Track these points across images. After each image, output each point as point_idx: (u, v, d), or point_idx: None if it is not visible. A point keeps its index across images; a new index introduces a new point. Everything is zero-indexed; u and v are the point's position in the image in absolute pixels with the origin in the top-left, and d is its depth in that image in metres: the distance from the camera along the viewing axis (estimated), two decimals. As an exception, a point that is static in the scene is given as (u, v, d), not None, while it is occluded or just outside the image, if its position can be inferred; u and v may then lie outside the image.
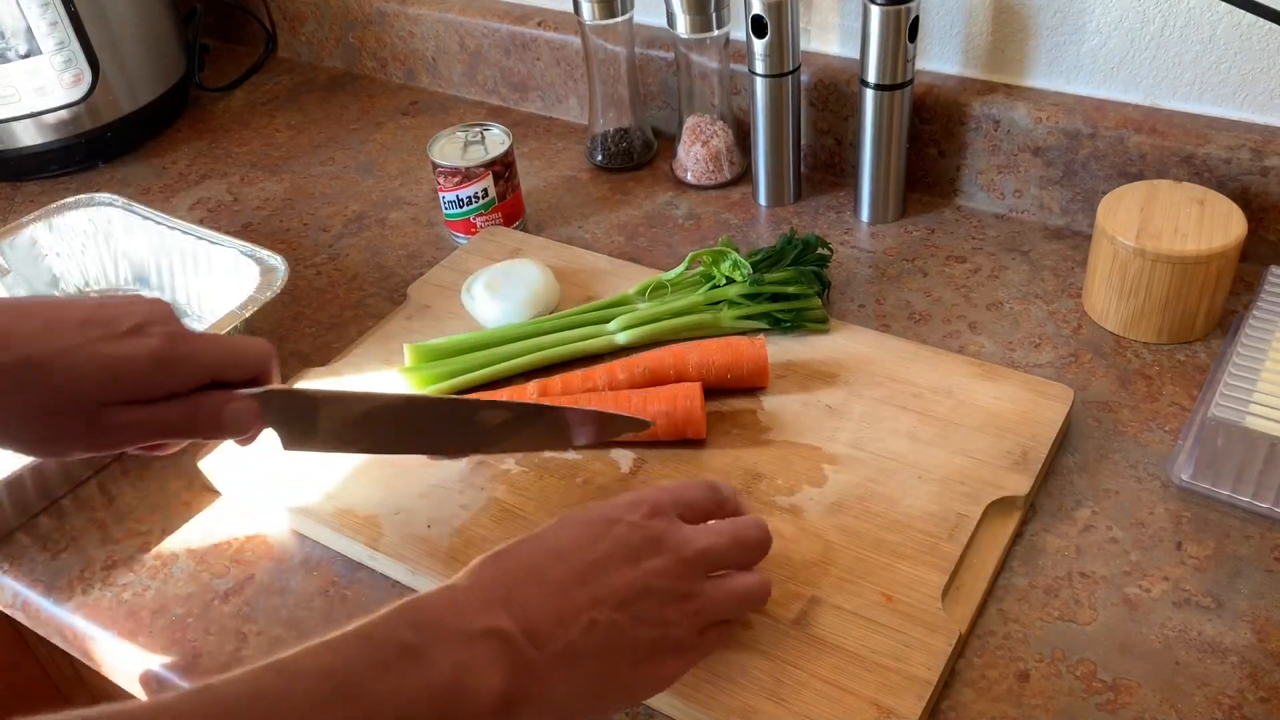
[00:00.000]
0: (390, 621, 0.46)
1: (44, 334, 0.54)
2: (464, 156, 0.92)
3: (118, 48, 1.12)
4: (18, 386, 0.53)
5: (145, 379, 0.55)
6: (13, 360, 0.53)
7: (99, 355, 0.54)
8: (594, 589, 0.50)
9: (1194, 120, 0.83)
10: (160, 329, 0.56)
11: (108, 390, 0.54)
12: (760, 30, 0.87)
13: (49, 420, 0.55)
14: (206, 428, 0.58)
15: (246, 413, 0.58)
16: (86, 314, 0.56)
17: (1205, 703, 0.56)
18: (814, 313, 0.80)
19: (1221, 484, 0.66)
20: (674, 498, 0.56)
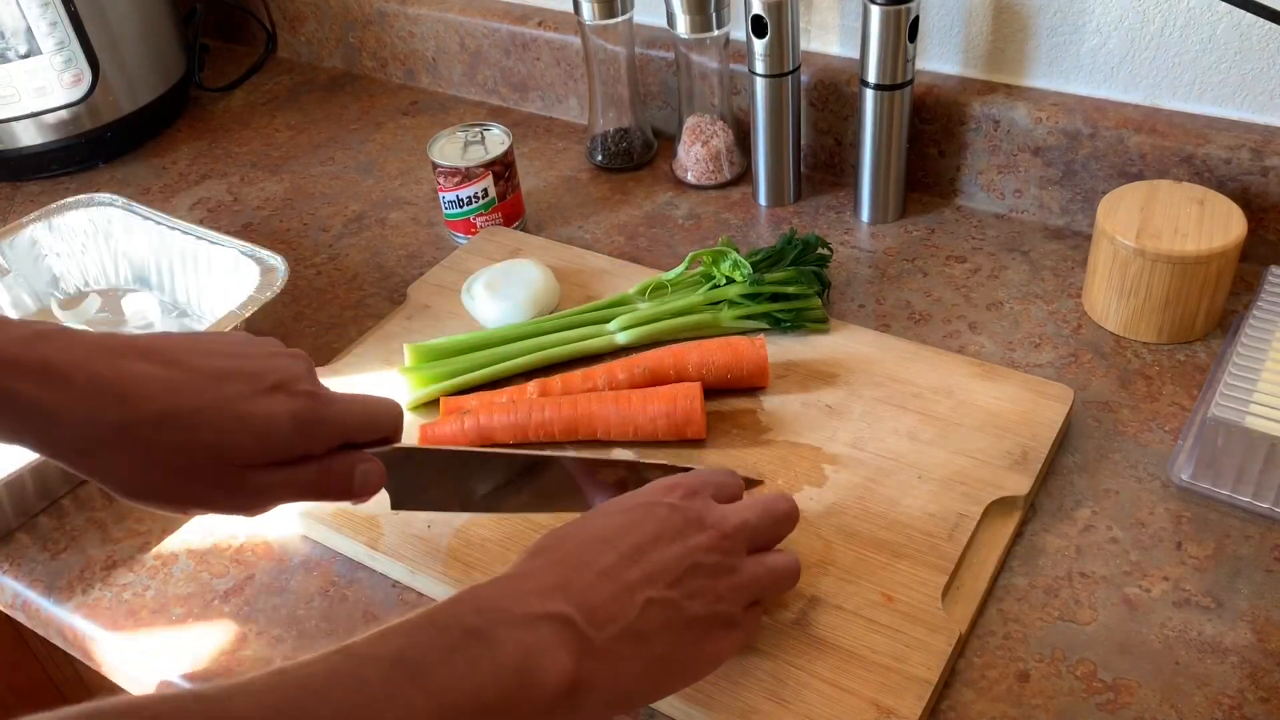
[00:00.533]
0: (454, 607, 0.46)
1: (187, 385, 0.51)
2: (464, 156, 0.92)
3: (118, 48, 1.12)
4: (154, 440, 0.50)
5: (286, 441, 0.53)
6: (153, 412, 0.50)
7: (242, 414, 0.51)
8: (645, 568, 0.50)
9: (1194, 120, 0.83)
10: (302, 387, 0.54)
11: (249, 452, 0.52)
12: (760, 30, 0.87)
13: (182, 479, 0.52)
14: (336, 491, 0.56)
15: (375, 475, 0.57)
16: (228, 366, 0.53)
17: (1205, 703, 0.56)
18: (814, 313, 0.80)
19: (1221, 484, 0.66)
20: (704, 480, 0.57)
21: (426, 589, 0.66)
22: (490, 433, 0.72)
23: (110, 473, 0.52)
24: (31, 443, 0.51)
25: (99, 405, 0.50)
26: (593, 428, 0.71)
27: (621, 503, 0.55)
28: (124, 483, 0.52)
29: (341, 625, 0.65)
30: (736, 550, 0.54)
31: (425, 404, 0.77)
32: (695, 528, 0.53)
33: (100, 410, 0.50)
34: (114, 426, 0.50)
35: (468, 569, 0.65)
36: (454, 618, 0.45)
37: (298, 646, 0.64)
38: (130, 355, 0.51)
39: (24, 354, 0.49)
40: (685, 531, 0.53)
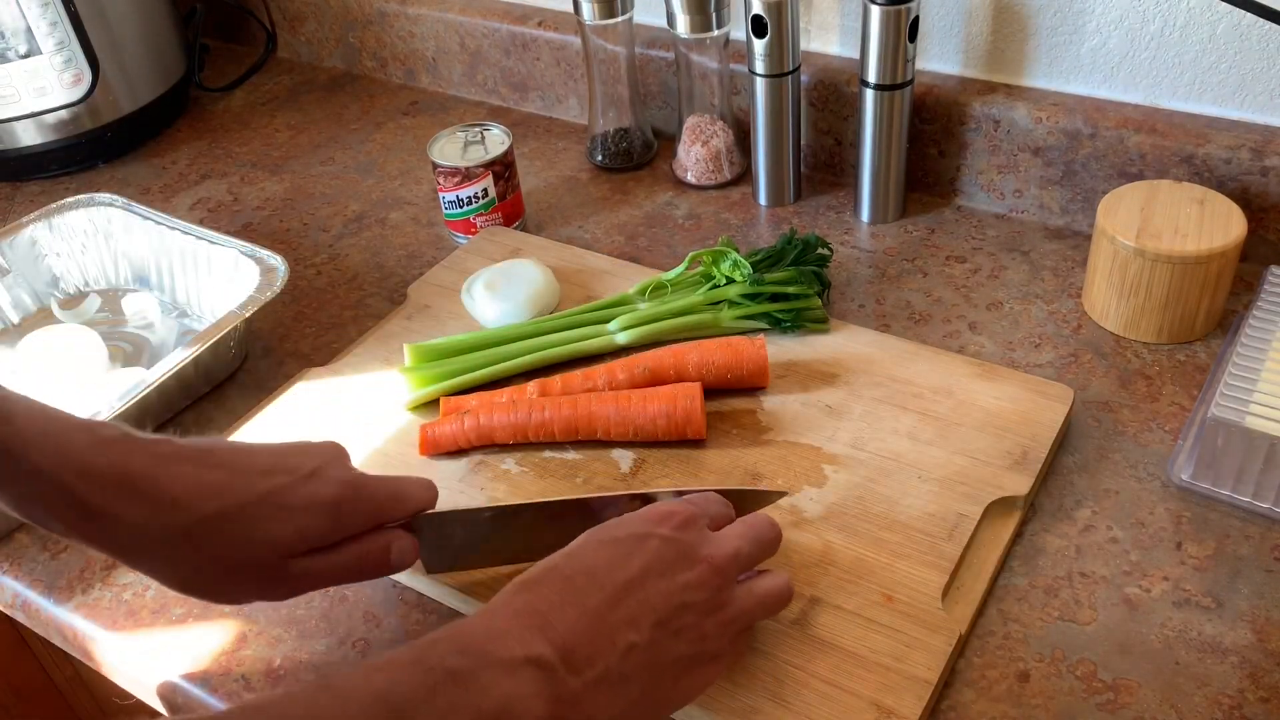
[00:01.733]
0: (437, 646, 0.46)
1: (234, 485, 0.54)
2: (464, 156, 0.92)
3: (118, 48, 1.12)
4: (206, 540, 0.53)
5: (326, 527, 0.55)
6: (207, 514, 0.53)
7: (284, 506, 0.54)
8: (629, 609, 0.50)
9: (1194, 120, 0.83)
10: (336, 473, 0.56)
11: (293, 543, 0.54)
12: (760, 30, 0.87)
13: (231, 572, 0.54)
14: (373, 570, 0.58)
15: (410, 551, 0.59)
16: (270, 462, 0.55)
17: (1205, 703, 0.56)
18: (814, 313, 0.80)
19: (1221, 484, 0.66)
20: (700, 509, 0.56)
21: (426, 589, 0.66)
22: (490, 433, 0.72)
23: (165, 571, 0.55)
24: (91, 542, 0.54)
25: (157, 510, 0.52)
26: (593, 428, 0.71)
27: (613, 531, 0.54)
28: (178, 580, 0.55)
29: (341, 625, 0.65)
30: (727, 584, 0.53)
31: (425, 404, 0.77)
32: (686, 562, 0.52)
33: (158, 514, 0.52)
34: (171, 529, 0.53)
35: (468, 569, 0.65)
36: (437, 659, 0.45)
37: (298, 646, 0.64)
38: (182, 461, 0.54)
39: (96, 460, 0.52)
40: (676, 566, 0.52)
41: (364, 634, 0.64)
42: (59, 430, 0.52)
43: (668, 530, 0.53)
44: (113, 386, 0.77)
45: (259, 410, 0.78)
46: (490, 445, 0.73)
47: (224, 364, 0.83)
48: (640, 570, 0.51)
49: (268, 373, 0.85)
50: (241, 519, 0.53)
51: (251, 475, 0.54)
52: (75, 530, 0.53)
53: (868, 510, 0.66)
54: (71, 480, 0.51)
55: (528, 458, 0.72)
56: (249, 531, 0.53)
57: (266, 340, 0.88)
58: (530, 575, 0.51)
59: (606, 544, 0.52)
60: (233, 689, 0.62)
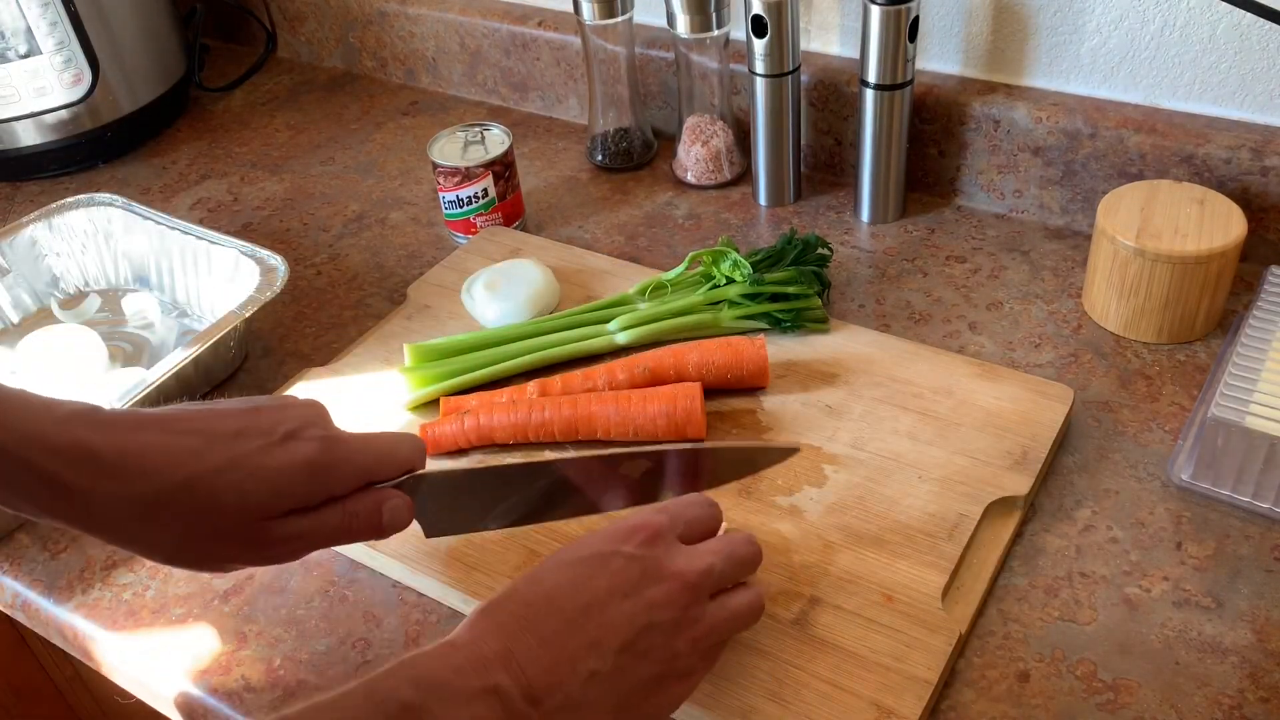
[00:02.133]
0: (393, 679, 0.45)
1: (203, 451, 0.52)
2: (464, 156, 0.92)
3: (118, 48, 1.12)
4: (181, 508, 0.52)
5: (304, 488, 0.54)
6: (177, 481, 0.51)
7: (259, 468, 0.52)
8: (591, 633, 0.49)
9: (1194, 120, 0.83)
10: (315, 432, 0.55)
11: (269, 504, 0.53)
12: (760, 30, 0.87)
13: (212, 539, 0.53)
14: (365, 531, 0.56)
15: (404, 509, 0.57)
16: (241, 423, 0.54)
17: (1205, 703, 0.56)
18: (814, 313, 0.80)
19: (1221, 484, 0.66)
20: (673, 518, 0.55)
21: (426, 589, 0.66)
22: (490, 433, 0.72)
23: (145, 543, 0.54)
24: (66, 520, 0.52)
25: (126, 481, 0.51)
26: (593, 428, 0.71)
27: (577, 551, 0.52)
28: (159, 551, 0.54)
29: (341, 625, 0.65)
30: (698, 600, 0.52)
31: (425, 404, 0.77)
32: (653, 579, 0.51)
33: (128, 486, 0.51)
34: (142, 500, 0.51)
35: (468, 569, 0.65)
36: (391, 691, 0.45)
37: (297, 646, 0.64)
38: (150, 428, 0.52)
39: (59, 436, 0.50)
40: (642, 584, 0.50)
41: (364, 634, 0.64)
42: (22, 410, 0.51)
43: (633, 547, 0.52)
44: (113, 386, 0.77)
45: (259, 410, 0.78)
46: (490, 445, 0.73)
47: (224, 364, 0.83)
48: (604, 591, 0.50)
49: (268, 373, 0.85)
50: (213, 484, 0.51)
51: (222, 439, 0.53)
52: (50, 510, 0.52)
53: (868, 510, 0.66)
54: (39, 459, 0.50)
55: (528, 458, 0.72)
56: (222, 496, 0.52)
57: (266, 340, 0.88)
58: (492, 600, 0.50)
59: (569, 565, 0.51)
60: (233, 689, 0.62)
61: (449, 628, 0.64)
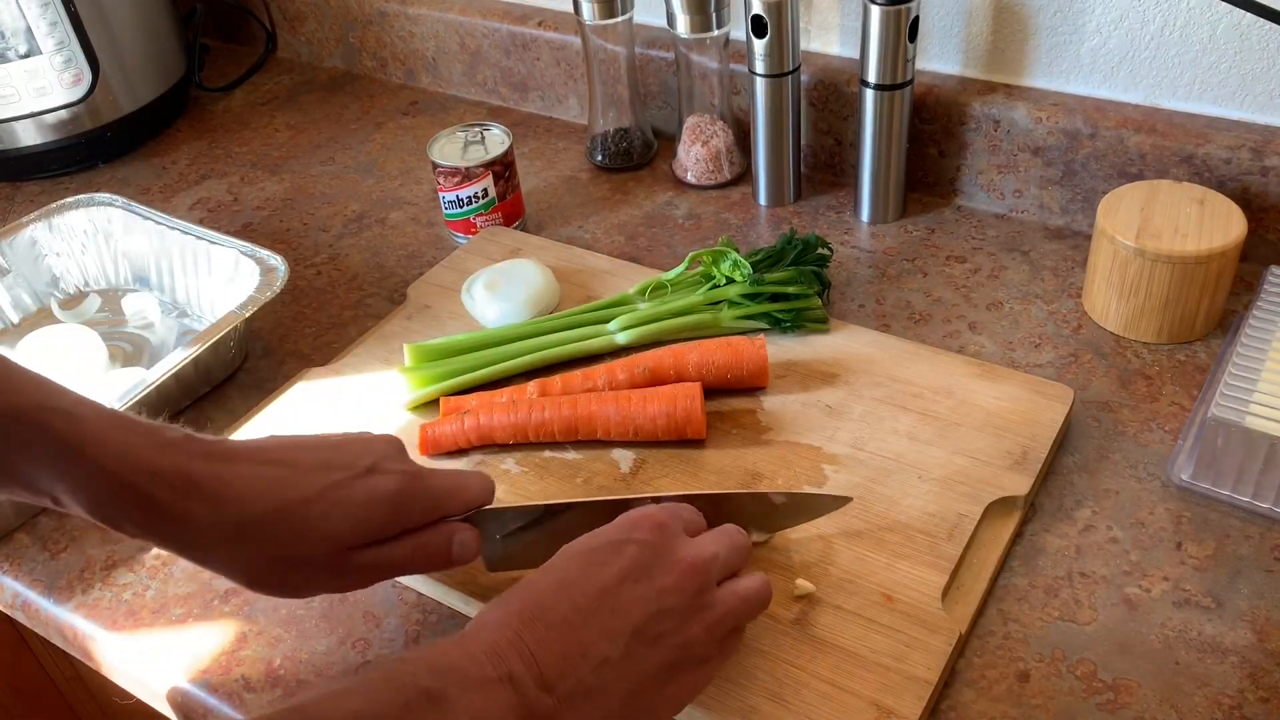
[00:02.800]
0: (411, 666, 0.46)
1: (292, 480, 0.54)
2: (464, 156, 0.92)
3: (118, 48, 1.12)
4: (269, 535, 0.54)
5: (384, 520, 0.56)
6: (267, 510, 0.54)
7: (343, 500, 0.55)
8: (603, 620, 0.49)
9: (1194, 120, 0.83)
10: (394, 466, 0.57)
11: (352, 535, 0.55)
12: (760, 30, 0.87)
13: (297, 566, 0.55)
14: (436, 562, 0.58)
15: (471, 542, 0.59)
16: (326, 457, 0.56)
17: (1205, 703, 0.56)
18: (814, 313, 0.80)
19: (1221, 484, 0.66)
20: (673, 514, 0.56)
21: (426, 589, 0.66)
22: (490, 433, 0.72)
23: (232, 567, 0.56)
24: (160, 541, 0.55)
25: (221, 507, 0.53)
26: (593, 428, 0.71)
27: (589, 541, 0.53)
28: (245, 575, 0.56)
29: (341, 625, 0.65)
30: (708, 586, 0.53)
31: (425, 404, 0.77)
32: (664, 566, 0.52)
33: (222, 512, 0.53)
34: (234, 526, 0.53)
35: (468, 569, 0.65)
36: (410, 677, 0.45)
37: (298, 646, 0.64)
38: (243, 459, 0.55)
39: (162, 461, 0.53)
40: (653, 570, 0.51)
41: (364, 634, 0.64)
42: (126, 432, 0.53)
43: (643, 535, 0.53)
44: (113, 386, 0.77)
45: (259, 410, 0.78)
46: (490, 445, 0.73)
47: (224, 364, 0.83)
48: (615, 578, 0.51)
49: (268, 373, 0.85)
50: (301, 514, 0.54)
51: (309, 471, 0.55)
52: (145, 530, 0.54)
53: (868, 510, 0.66)
54: (141, 481, 0.52)
55: (528, 458, 0.72)
56: (309, 526, 0.54)
57: (266, 340, 0.88)
58: (507, 591, 0.51)
59: (581, 554, 0.52)
60: (233, 689, 0.62)
61: (449, 628, 0.64)
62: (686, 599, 0.51)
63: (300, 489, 0.54)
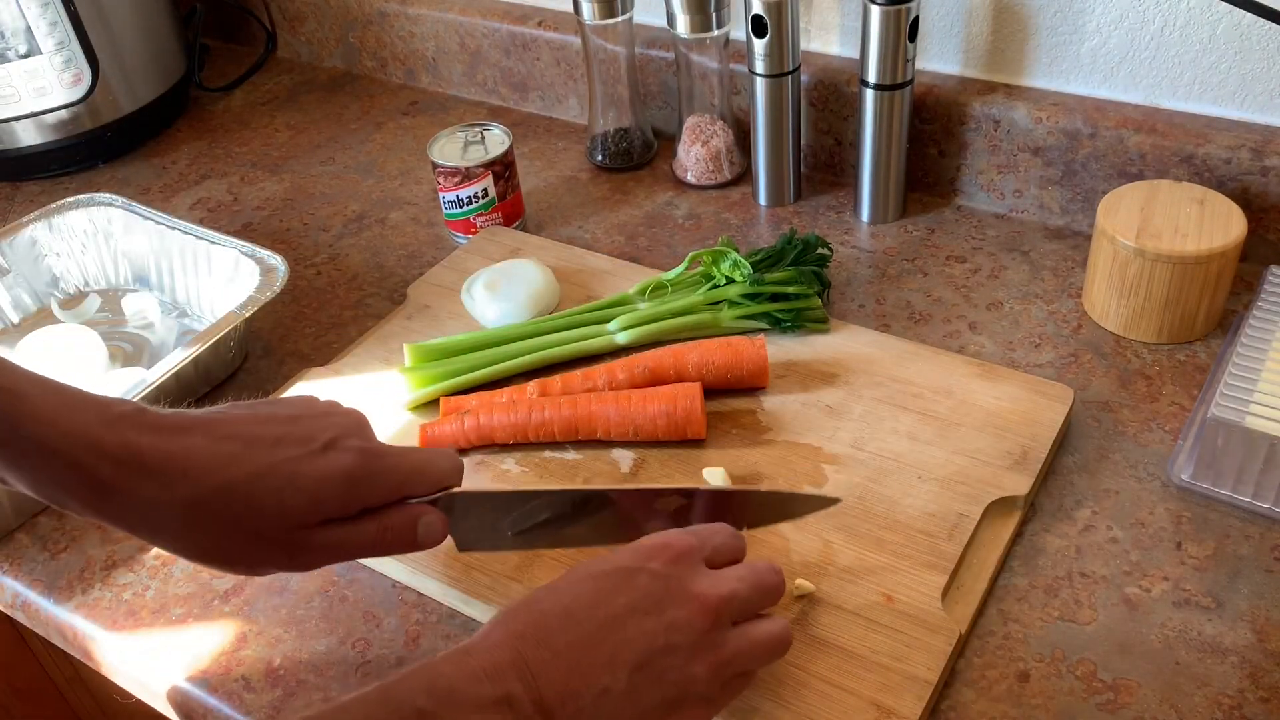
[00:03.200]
0: (408, 685, 0.46)
1: (243, 456, 0.53)
2: (464, 156, 0.92)
3: (118, 48, 1.12)
4: (220, 511, 0.52)
5: (340, 498, 0.54)
6: (216, 485, 0.52)
7: (297, 476, 0.53)
8: (608, 649, 0.48)
9: (1194, 120, 0.83)
10: (354, 443, 0.55)
11: (307, 512, 0.54)
12: (760, 30, 0.87)
13: (249, 543, 0.54)
14: (399, 544, 0.57)
15: (439, 526, 0.57)
16: (281, 431, 0.54)
17: (1205, 703, 0.56)
18: (814, 313, 0.80)
19: (1221, 484, 0.66)
20: (701, 540, 0.54)
21: (426, 589, 0.66)
22: (490, 432, 0.72)
23: (181, 544, 0.54)
24: (105, 518, 0.53)
25: (168, 484, 0.52)
26: (593, 428, 0.71)
27: (601, 565, 0.52)
28: (195, 552, 0.55)
29: (341, 625, 0.65)
30: (719, 625, 0.51)
31: (425, 404, 0.77)
32: (675, 600, 0.50)
33: (169, 488, 0.52)
34: (182, 502, 0.52)
35: (467, 569, 0.65)
36: (407, 696, 0.45)
37: (297, 646, 0.64)
38: (194, 432, 0.53)
39: (107, 437, 0.51)
40: (663, 604, 0.50)
41: (364, 634, 0.64)
42: (70, 407, 0.52)
43: (659, 565, 0.51)
44: (112, 386, 0.77)
45: (259, 410, 0.78)
46: (490, 445, 0.73)
47: (224, 364, 0.83)
48: (625, 607, 0.49)
49: (268, 373, 0.85)
50: (253, 490, 0.52)
51: (263, 445, 0.53)
52: (91, 508, 0.52)
53: (868, 510, 0.66)
54: (84, 457, 0.51)
55: (528, 458, 0.72)
56: (261, 502, 0.52)
57: (266, 340, 0.88)
58: (511, 608, 0.50)
59: (592, 578, 0.51)
60: (233, 689, 0.62)
61: (449, 628, 0.64)
62: (695, 636, 0.50)
63: (252, 464, 0.52)
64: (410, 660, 0.63)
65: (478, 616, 0.64)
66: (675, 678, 0.49)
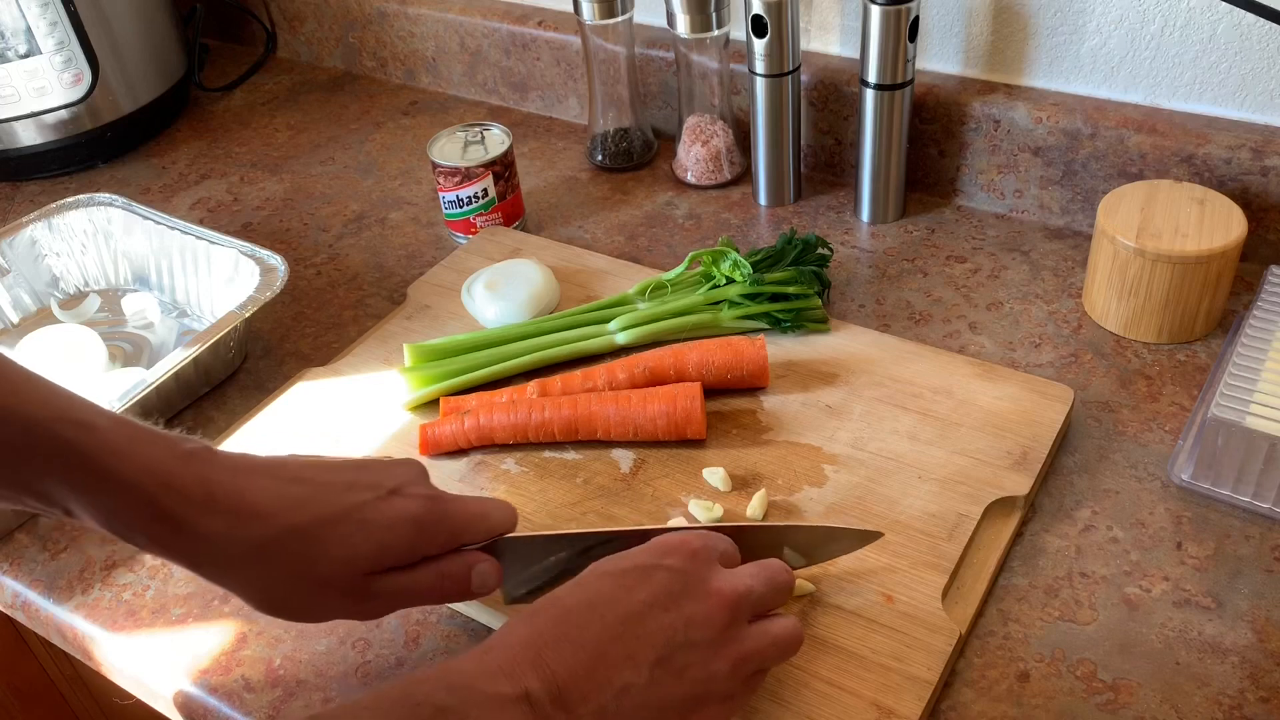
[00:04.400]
0: (427, 683, 0.46)
1: (314, 499, 0.53)
2: (464, 156, 0.92)
3: (118, 48, 1.12)
4: (290, 555, 0.52)
5: (406, 544, 0.54)
6: (288, 527, 0.52)
7: (367, 522, 0.53)
8: (628, 644, 0.48)
9: (1194, 120, 0.83)
10: (418, 490, 0.56)
11: (374, 558, 0.54)
12: (760, 30, 0.87)
13: (317, 589, 0.54)
14: (456, 592, 0.57)
15: (493, 574, 0.57)
16: (350, 477, 0.55)
17: (1205, 703, 0.56)
18: (814, 313, 0.80)
19: (1221, 484, 0.66)
20: (710, 543, 0.54)
21: (426, 589, 0.66)
22: (490, 433, 0.72)
23: (248, 586, 0.54)
24: (174, 556, 0.53)
25: (239, 523, 0.52)
26: (593, 428, 0.71)
27: (619, 563, 0.52)
28: (261, 596, 0.55)
29: (341, 626, 0.65)
30: (737, 621, 0.51)
31: (425, 404, 0.77)
32: (694, 596, 0.50)
33: (240, 527, 0.52)
34: (252, 543, 0.52)
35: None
36: (426, 695, 0.45)
37: (297, 647, 0.64)
38: (264, 474, 0.54)
39: (181, 474, 0.52)
40: (682, 599, 0.50)
41: (364, 634, 0.64)
42: (142, 441, 0.52)
43: (676, 561, 0.51)
44: (112, 386, 0.77)
45: (259, 410, 0.78)
46: (490, 445, 0.73)
47: (224, 364, 0.83)
48: (644, 603, 0.49)
49: (268, 373, 0.85)
50: (323, 534, 0.53)
51: (333, 490, 0.54)
52: (160, 544, 0.52)
53: (868, 510, 0.66)
54: (157, 492, 0.51)
55: (528, 458, 0.72)
56: (330, 547, 0.53)
57: (266, 340, 0.88)
58: (533, 607, 0.50)
59: (611, 575, 0.51)
60: (233, 689, 0.62)
61: (449, 628, 0.64)
62: (714, 632, 0.50)
63: (323, 508, 0.53)
64: (410, 660, 0.63)
65: (477, 617, 0.64)
66: (696, 674, 0.49)
